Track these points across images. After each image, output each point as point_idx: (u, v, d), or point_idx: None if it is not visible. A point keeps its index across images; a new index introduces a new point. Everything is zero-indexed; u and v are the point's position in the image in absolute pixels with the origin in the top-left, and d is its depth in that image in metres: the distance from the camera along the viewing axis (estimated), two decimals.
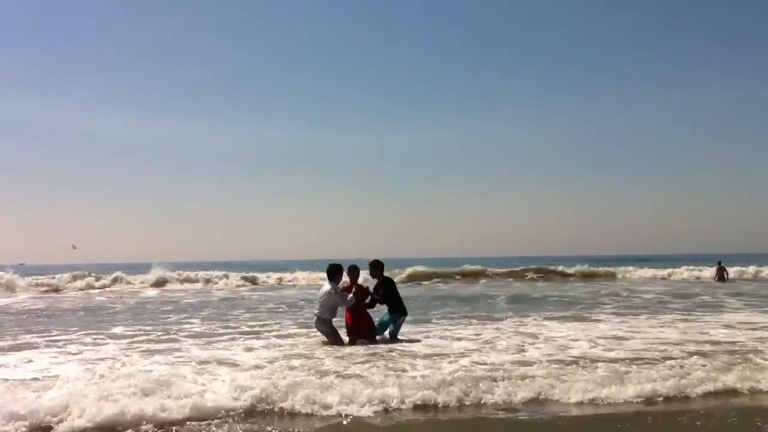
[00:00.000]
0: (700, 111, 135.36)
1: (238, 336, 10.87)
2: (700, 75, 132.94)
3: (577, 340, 9.83)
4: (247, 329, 11.90)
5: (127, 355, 8.61)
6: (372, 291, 10.23)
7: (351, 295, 9.86)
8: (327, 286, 9.81)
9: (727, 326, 11.48)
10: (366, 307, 10.07)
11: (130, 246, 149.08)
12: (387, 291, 10.21)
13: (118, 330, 11.91)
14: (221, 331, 11.73)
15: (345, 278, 10.13)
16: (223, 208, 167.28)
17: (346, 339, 9.87)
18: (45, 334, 11.33)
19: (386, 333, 10.24)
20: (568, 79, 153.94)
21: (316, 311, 9.88)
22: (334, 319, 9.90)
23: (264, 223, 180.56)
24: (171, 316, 15.15)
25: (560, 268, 35.88)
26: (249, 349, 9.22)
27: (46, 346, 9.88)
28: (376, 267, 10.26)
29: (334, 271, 9.84)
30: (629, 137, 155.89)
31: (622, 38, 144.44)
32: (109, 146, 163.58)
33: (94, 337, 10.93)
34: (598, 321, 12.83)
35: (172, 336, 10.95)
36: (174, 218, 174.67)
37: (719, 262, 32.95)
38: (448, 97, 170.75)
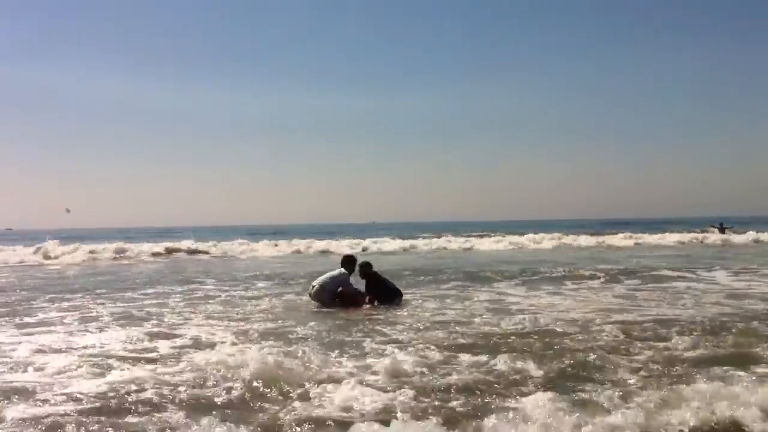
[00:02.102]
0: (693, 76, 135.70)
1: None
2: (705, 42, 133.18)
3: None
4: None
5: None
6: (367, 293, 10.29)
7: (355, 290, 10.13)
8: (341, 270, 10.22)
9: None
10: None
11: (122, 211, 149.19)
12: (370, 286, 10.31)
13: None
14: None
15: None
16: (230, 173, 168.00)
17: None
18: None
19: None
20: (565, 44, 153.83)
21: (317, 283, 10.07)
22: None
23: (271, 188, 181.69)
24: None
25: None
26: None
27: None
28: (363, 268, 10.47)
29: (347, 263, 10.34)
30: (627, 102, 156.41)
31: (618, 3, 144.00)
32: (102, 112, 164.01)
33: None
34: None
35: None
36: (174, 184, 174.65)
37: (721, 223, 37.62)
38: (450, 63, 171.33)
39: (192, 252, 27.04)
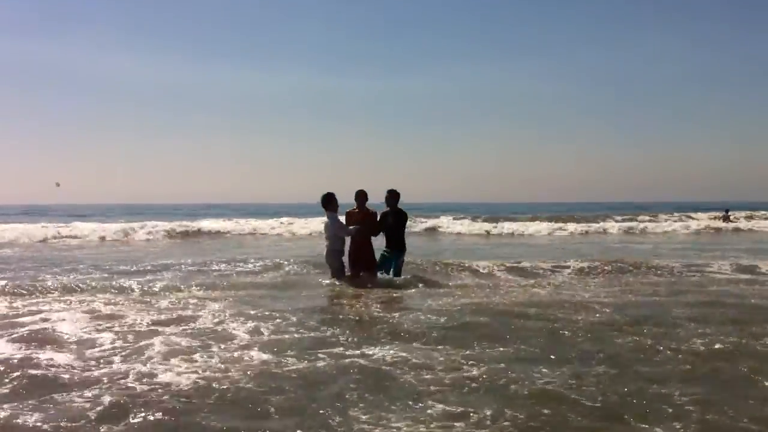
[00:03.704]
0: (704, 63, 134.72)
1: None
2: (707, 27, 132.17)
3: None
4: None
5: None
6: (379, 218, 9.94)
7: (352, 227, 9.67)
8: (325, 219, 9.84)
9: None
10: (372, 234, 9.82)
11: (115, 187, 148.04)
12: (398, 223, 9.90)
13: None
14: None
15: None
16: (233, 151, 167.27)
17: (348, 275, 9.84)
18: None
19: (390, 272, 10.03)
20: (572, 28, 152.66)
21: (326, 244, 9.88)
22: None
23: (273, 167, 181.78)
24: None
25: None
26: None
27: None
28: (393, 196, 9.93)
29: (326, 201, 9.67)
30: (631, 87, 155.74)
31: None
32: (95, 89, 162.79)
33: None
34: None
35: None
36: (178, 161, 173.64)
37: (726, 210, 37.33)
38: (455, 44, 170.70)
39: None
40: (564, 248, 19.46)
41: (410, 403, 4.17)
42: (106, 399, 4.22)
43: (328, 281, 9.90)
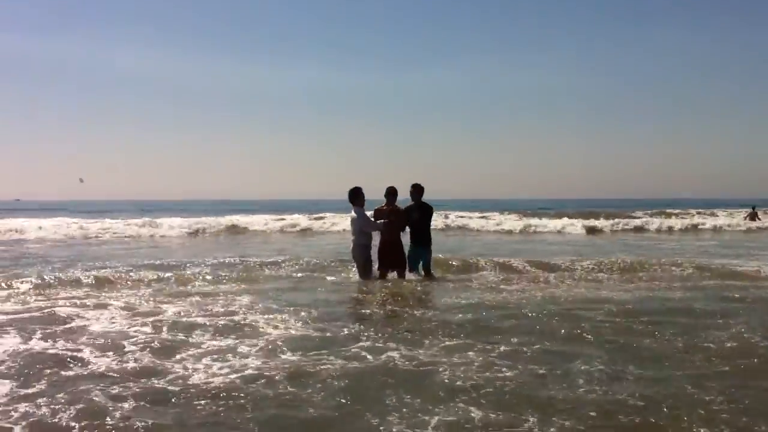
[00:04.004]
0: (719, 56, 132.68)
1: None
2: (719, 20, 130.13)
3: None
4: None
5: None
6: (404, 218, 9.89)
7: (380, 221, 9.64)
8: (352, 213, 9.74)
9: None
10: (398, 229, 9.77)
11: (119, 182, 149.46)
12: (424, 218, 9.87)
13: None
14: None
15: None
16: (237, 147, 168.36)
17: (376, 272, 9.76)
18: None
19: (419, 269, 9.96)
20: (584, 25, 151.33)
21: (352, 239, 9.79)
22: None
23: (278, 163, 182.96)
24: None
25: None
26: None
27: None
28: (417, 191, 9.89)
29: (353, 195, 9.63)
30: (642, 82, 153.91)
31: None
32: (113, 83, 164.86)
33: None
34: None
35: None
36: (183, 157, 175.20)
37: (753, 207, 35.88)
38: (462, 40, 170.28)
39: None
40: (591, 245, 19.28)
41: (451, 404, 4.10)
42: (137, 396, 4.24)
43: (354, 277, 9.90)
